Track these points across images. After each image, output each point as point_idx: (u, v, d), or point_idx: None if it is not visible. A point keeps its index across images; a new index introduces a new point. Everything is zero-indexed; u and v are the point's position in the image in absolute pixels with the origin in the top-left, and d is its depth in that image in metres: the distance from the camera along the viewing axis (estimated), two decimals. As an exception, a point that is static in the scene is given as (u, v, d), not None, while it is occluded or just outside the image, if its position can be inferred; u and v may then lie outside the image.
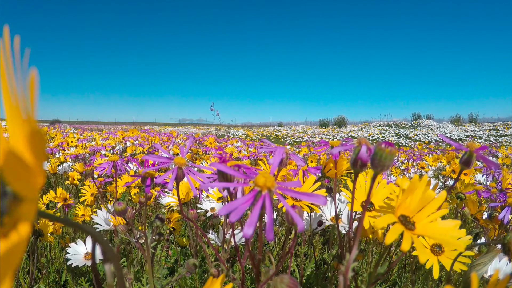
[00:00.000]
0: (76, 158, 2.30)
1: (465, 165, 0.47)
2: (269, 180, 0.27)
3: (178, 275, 0.64)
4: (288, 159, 0.50)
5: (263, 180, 0.27)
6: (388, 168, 0.36)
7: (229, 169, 0.31)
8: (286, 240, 0.70)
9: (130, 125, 21.24)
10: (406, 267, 1.04)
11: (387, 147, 0.35)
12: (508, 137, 12.14)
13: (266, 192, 0.27)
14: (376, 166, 0.36)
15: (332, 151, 0.42)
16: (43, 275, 1.17)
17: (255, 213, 0.25)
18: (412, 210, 0.38)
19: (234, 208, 0.25)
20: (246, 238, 0.23)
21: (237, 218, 0.24)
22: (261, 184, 0.27)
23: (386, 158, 0.35)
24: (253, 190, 0.27)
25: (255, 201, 0.26)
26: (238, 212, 0.25)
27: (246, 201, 0.26)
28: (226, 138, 8.69)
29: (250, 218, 0.25)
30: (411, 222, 0.37)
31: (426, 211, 0.37)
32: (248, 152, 3.55)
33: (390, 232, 0.32)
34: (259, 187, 0.27)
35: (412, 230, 0.36)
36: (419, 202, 0.37)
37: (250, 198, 0.27)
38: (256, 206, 0.26)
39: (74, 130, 7.76)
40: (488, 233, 0.87)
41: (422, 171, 2.82)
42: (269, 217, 0.25)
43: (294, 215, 0.26)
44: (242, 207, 0.25)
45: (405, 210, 0.37)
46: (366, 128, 16.06)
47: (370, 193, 0.37)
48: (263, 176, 0.27)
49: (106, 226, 0.88)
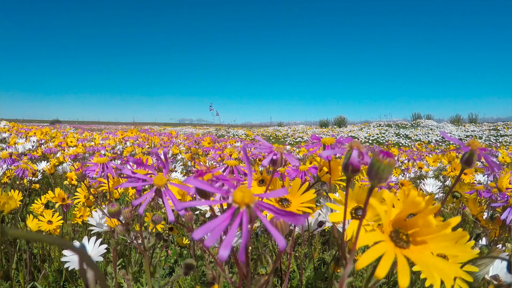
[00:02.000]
0: (75, 158, 2.29)
1: (467, 165, 0.46)
2: (246, 196, 0.26)
3: (176, 275, 0.63)
4: (282, 159, 0.48)
5: (240, 196, 0.26)
6: (386, 180, 0.33)
7: (205, 185, 0.29)
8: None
9: (130, 125, 21.23)
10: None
11: (386, 158, 0.32)
12: (508, 137, 12.13)
13: (244, 209, 0.26)
14: (373, 178, 0.33)
15: (322, 154, 0.39)
16: (43, 275, 1.16)
17: (231, 233, 0.24)
18: (409, 227, 0.33)
19: (211, 230, 0.24)
20: (222, 261, 0.22)
21: (213, 242, 0.23)
22: (238, 200, 0.26)
23: (384, 170, 0.32)
24: (231, 207, 0.26)
25: (234, 217, 0.25)
26: (215, 234, 0.23)
27: (223, 220, 0.25)
28: (226, 138, 8.69)
29: (226, 239, 0.23)
30: (403, 239, 0.32)
31: (424, 233, 0.32)
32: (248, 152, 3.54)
33: (367, 253, 0.27)
34: (236, 203, 0.26)
35: (403, 248, 0.31)
36: (419, 224, 0.32)
37: (227, 216, 0.25)
38: (232, 226, 0.24)
39: (74, 130, 7.76)
40: (489, 233, 0.86)
41: (422, 171, 2.81)
42: (244, 238, 0.24)
43: (274, 233, 0.24)
44: (220, 226, 0.24)
45: (400, 225, 0.33)
46: (366, 128, 16.05)
47: (367, 205, 0.34)
48: (240, 191, 0.26)
49: (100, 228, 0.87)
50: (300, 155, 3.66)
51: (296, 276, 1.00)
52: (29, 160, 1.89)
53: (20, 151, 2.67)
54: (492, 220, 0.84)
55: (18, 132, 3.95)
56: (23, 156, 2.01)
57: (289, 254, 0.58)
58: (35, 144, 3.07)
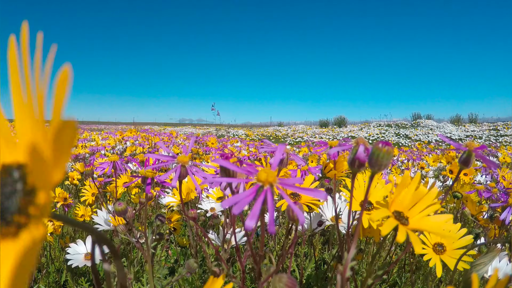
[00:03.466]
0: (76, 158, 2.30)
1: (464, 165, 0.47)
2: (270, 176, 0.27)
3: (178, 275, 0.64)
4: (288, 159, 0.50)
5: (265, 175, 0.27)
6: (385, 167, 0.36)
7: (232, 165, 0.31)
8: (286, 240, 0.70)
9: (130, 125, 21.24)
10: (406, 267, 1.04)
11: (384, 146, 0.35)
12: (508, 137, 12.14)
13: (268, 187, 0.27)
14: (373, 166, 0.36)
15: (330, 151, 0.42)
16: (43, 275, 1.17)
17: (257, 207, 0.25)
18: (405, 206, 0.38)
19: (237, 201, 0.25)
20: (248, 230, 0.24)
21: (240, 211, 0.25)
22: (263, 179, 0.27)
23: (383, 157, 0.35)
24: (255, 185, 0.28)
25: (257, 195, 0.27)
26: (241, 204, 0.25)
27: (248, 194, 0.26)
28: (226, 138, 8.69)
29: (252, 211, 0.25)
30: (404, 217, 0.37)
31: (418, 207, 0.38)
32: (248, 152, 3.56)
33: (384, 225, 0.33)
34: (261, 182, 0.27)
35: (405, 224, 0.37)
36: (411, 198, 0.38)
37: (252, 192, 0.27)
38: (258, 200, 0.26)
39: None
40: (488, 233, 0.87)
41: (422, 171, 2.82)
42: (271, 211, 0.26)
43: (295, 210, 0.26)
44: (245, 200, 0.26)
45: (399, 206, 0.38)
46: (366, 128, 16.06)
47: (368, 191, 0.38)
48: (264, 171, 0.28)
49: (106, 226, 0.88)
50: (300, 155, 3.66)
51: (296, 275, 1.00)
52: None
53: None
54: (491, 220, 0.84)
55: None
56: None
57: (290, 253, 0.58)
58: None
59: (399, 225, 0.35)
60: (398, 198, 0.38)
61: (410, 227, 0.37)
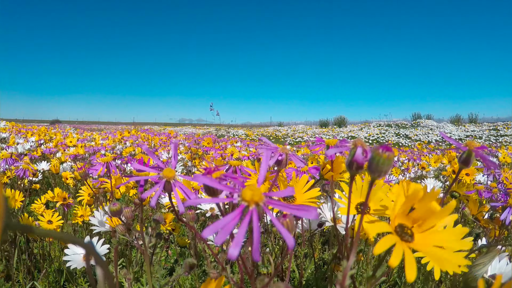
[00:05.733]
0: (75, 158, 2.29)
1: (464, 164, 0.47)
2: (256, 194, 0.25)
3: (177, 275, 0.64)
4: (287, 160, 0.49)
5: (250, 194, 0.25)
6: (386, 173, 0.34)
7: (214, 182, 0.29)
8: (284, 244, 0.70)
9: (130, 125, 21.24)
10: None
11: (385, 152, 0.33)
12: (508, 137, 12.13)
13: (254, 207, 0.25)
14: (373, 172, 0.34)
15: (327, 152, 0.40)
16: (43, 275, 1.16)
17: (241, 232, 0.23)
18: (412, 220, 0.34)
19: (221, 228, 0.23)
20: (232, 259, 0.22)
21: (223, 240, 0.23)
22: (248, 198, 0.25)
23: (384, 163, 0.33)
24: (240, 205, 0.26)
25: (243, 216, 0.25)
26: (225, 233, 0.23)
27: (233, 218, 0.24)
28: (226, 138, 8.69)
29: (236, 238, 0.23)
30: (408, 233, 0.33)
31: (428, 223, 0.34)
32: (248, 152, 3.55)
33: (380, 242, 0.29)
34: (245, 202, 0.25)
35: (408, 241, 0.33)
36: (422, 214, 0.34)
37: (237, 214, 0.25)
38: (242, 225, 0.24)
39: (74, 130, 7.76)
40: (489, 233, 0.87)
41: (423, 172, 2.81)
42: (256, 236, 0.24)
43: (283, 233, 0.24)
44: (229, 226, 0.24)
45: (404, 219, 0.34)
46: (366, 128, 16.05)
47: (368, 198, 0.36)
48: (250, 189, 0.26)
49: (101, 228, 0.88)
50: (299, 155, 3.66)
51: (296, 276, 1.00)
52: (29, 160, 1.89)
53: (19, 151, 2.68)
54: (491, 220, 0.84)
55: (18, 132, 3.95)
56: (23, 156, 2.01)
57: (289, 254, 0.58)
58: (34, 144, 3.07)
59: (397, 243, 0.30)
60: (405, 210, 0.34)
61: (414, 244, 0.33)
